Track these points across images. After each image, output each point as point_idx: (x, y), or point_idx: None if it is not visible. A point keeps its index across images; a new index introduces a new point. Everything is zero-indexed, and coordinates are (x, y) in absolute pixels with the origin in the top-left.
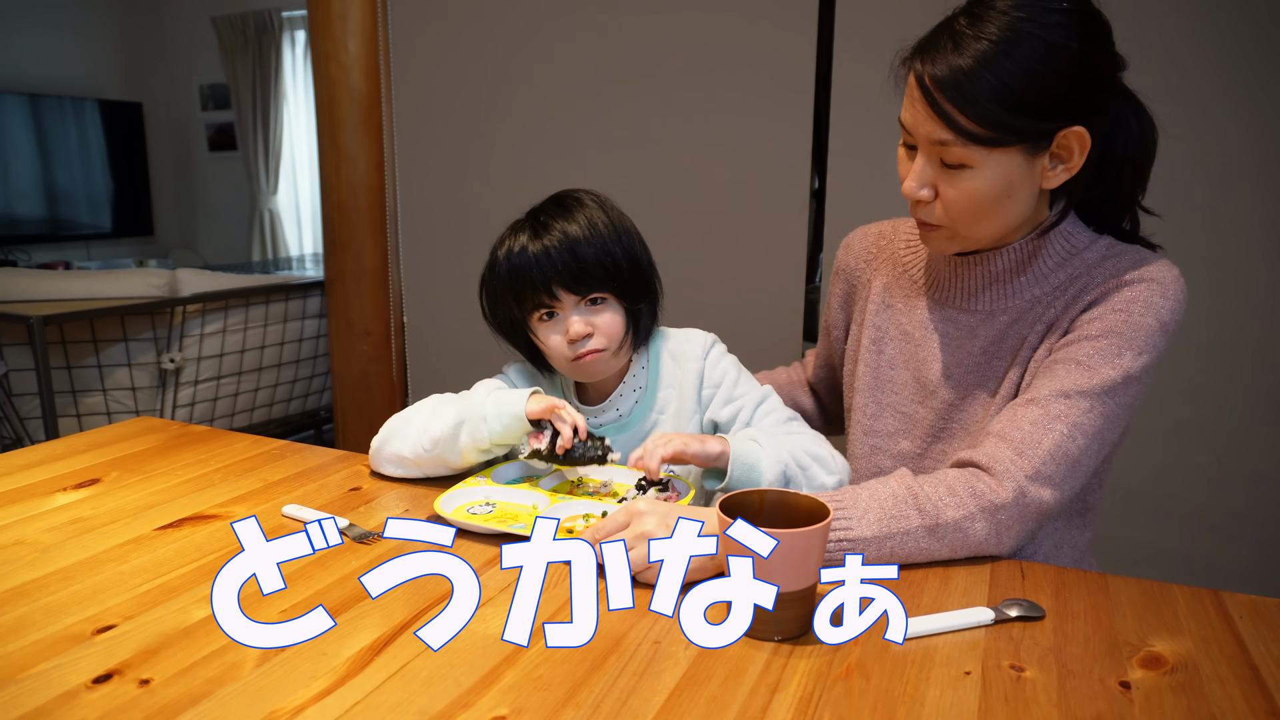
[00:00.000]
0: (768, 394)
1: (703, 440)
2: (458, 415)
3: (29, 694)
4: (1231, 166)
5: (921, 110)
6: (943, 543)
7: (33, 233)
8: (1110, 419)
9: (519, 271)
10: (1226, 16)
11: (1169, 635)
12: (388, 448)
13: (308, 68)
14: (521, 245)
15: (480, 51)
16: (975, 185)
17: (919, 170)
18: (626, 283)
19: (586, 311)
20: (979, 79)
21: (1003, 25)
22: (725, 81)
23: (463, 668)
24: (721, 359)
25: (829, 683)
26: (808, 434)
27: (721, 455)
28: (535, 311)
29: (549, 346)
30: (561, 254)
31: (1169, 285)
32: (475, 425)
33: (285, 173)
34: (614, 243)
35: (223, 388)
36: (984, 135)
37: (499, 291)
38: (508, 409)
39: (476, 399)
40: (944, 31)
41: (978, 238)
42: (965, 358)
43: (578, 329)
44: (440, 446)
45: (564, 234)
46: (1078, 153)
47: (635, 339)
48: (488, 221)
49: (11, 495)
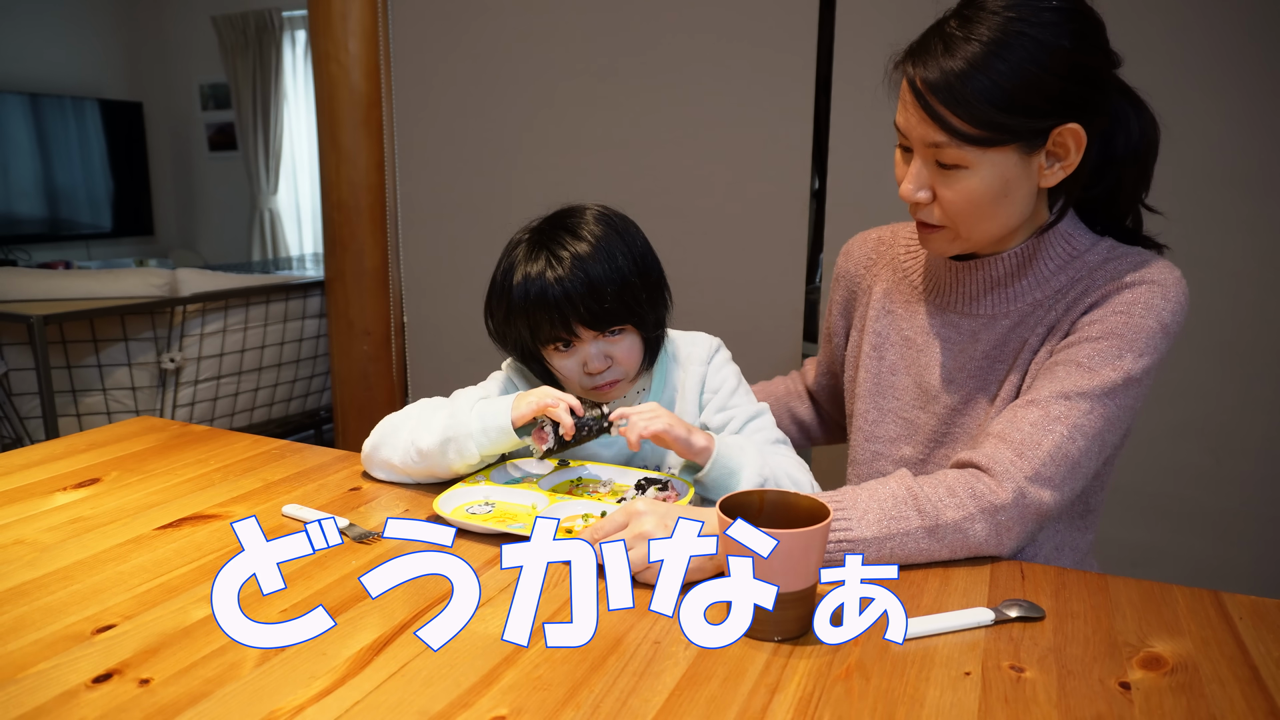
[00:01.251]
0: (762, 411)
1: (690, 430)
2: (443, 433)
3: (28, 693)
4: (1231, 166)
5: (915, 113)
6: (943, 543)
7: (33, 232)
8: (1111, 420)
9: (536, 305)
10: (1227, 16)
11: (1169, 636)
12: (379, 454)
13: (308, 67)
14: (538, 273)
15: (480, 51)
16: (972, 185)
17: (915, 173)
18: (644, 312)
19: (605, 344)
20: (971, 81)
21: (993, 26)
22: (726, 82)
23: (463, 668)
24: (724, 366)
25: (829, 683)
26: (793, 458)
27: (703, 452)
28: (551, 344)
29: (564, 373)
30: (580, 289)
31: (1170, 287)
32: (462, 443)
33: (285, 172)
34: (631, 271)
35: (223, 387)
36: (977, 135)
37: (511, 318)
38: (493, 423)
39: (460, 415)
40: (935, 34)
41: (978, 238)
42: (967, 362)
43: (596, 365)
44: (428, 461)
45: (582, 269)
46: (1074, 150)
47: (648, 357)
48: (488, 221)
49: (11, 495)
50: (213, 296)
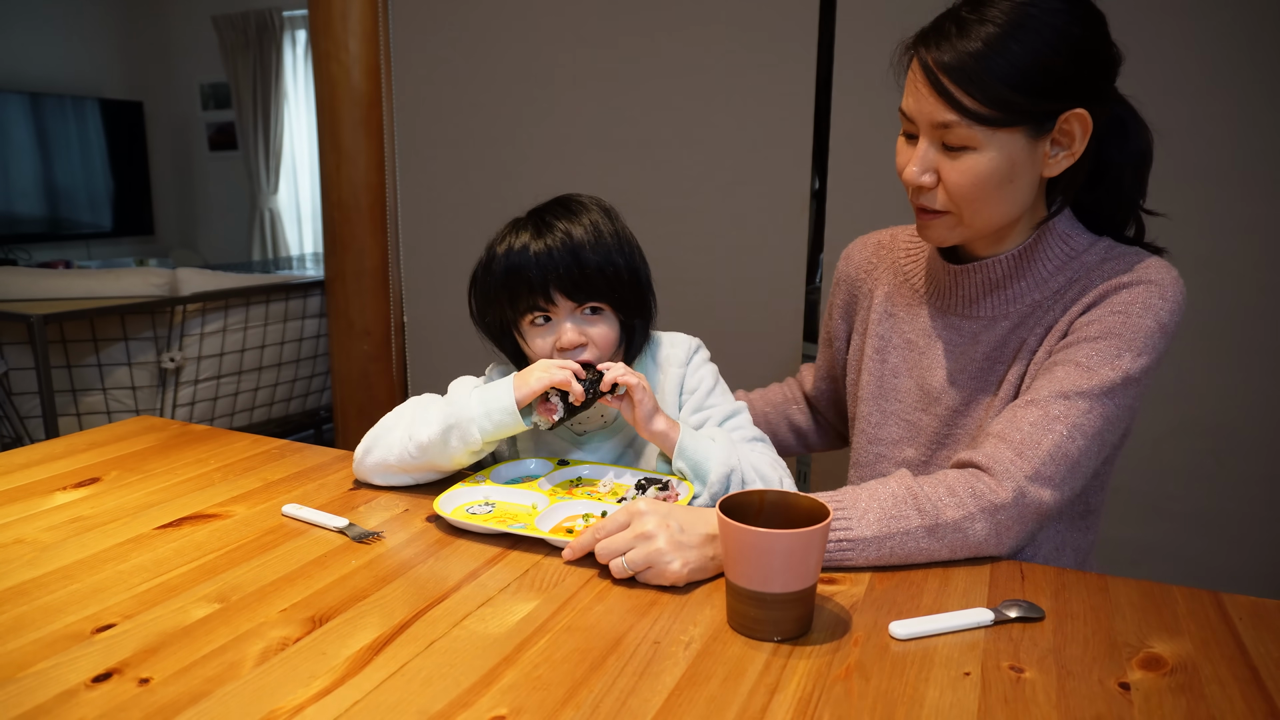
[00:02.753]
0: (739, 410)
1: (656, 410)
2: (444, 420)
3: (28, 692)
4: (1231, 167)
5: (926, 93)
6: (942, 543)
7: (33, 231)
8: (1110, 420)
9: (517, 270)
10: (1226, 16)
11: (1168, 636)
12: (370, 457)
13: (308, 67)
14: (523, 244)
15: (481, 52)
16: (978, 167)
17: (921, 154)
18: (625, 295)
19: (582, 321)
20: (986, 61)
21: (1006, 10)
22: (726, 82)
23: (462, 667)
24: (701, 367)
25: (828, 683)
26: (768, 456)
27: (662, 437)
28: (529, 314)
29: (535, 351)
30: (564, 256)
31: (1168, 287)
32: (465, 428)
33: (285, 172)
34: (618, 253)
35: (223, 387)
36: (989, 115)
37: (492, 290)
38: (496, 404)
39: (460, 400)
40: (948, 19)
41: (979, 224)
42: (968, 364)
43: (570, 337)
44: (429, 453)
45: (568, 236)
46: (1079, 137)
47: (627, 354)
48: (488, 221)
49: (11, 494)
50: (213, 296)
